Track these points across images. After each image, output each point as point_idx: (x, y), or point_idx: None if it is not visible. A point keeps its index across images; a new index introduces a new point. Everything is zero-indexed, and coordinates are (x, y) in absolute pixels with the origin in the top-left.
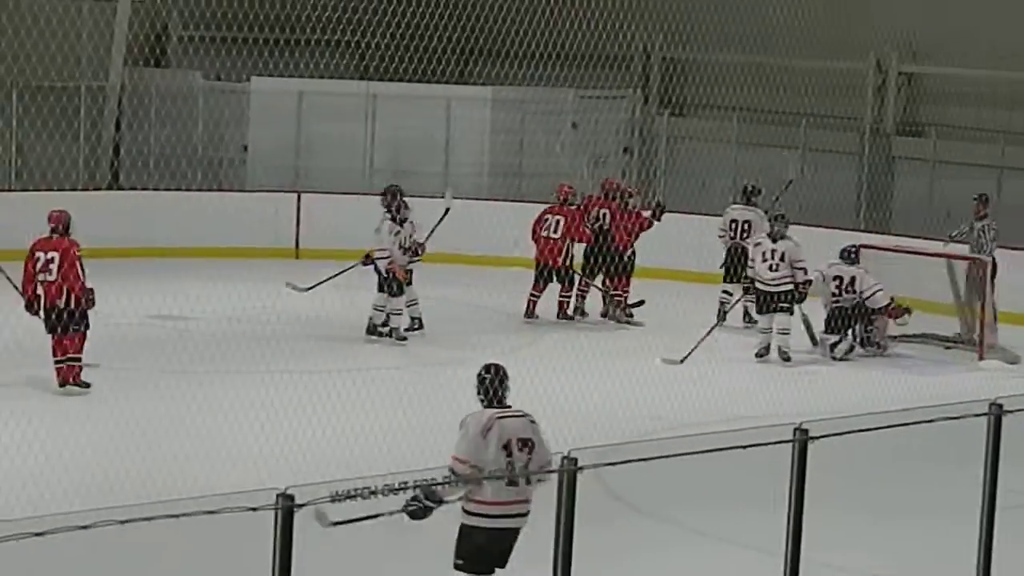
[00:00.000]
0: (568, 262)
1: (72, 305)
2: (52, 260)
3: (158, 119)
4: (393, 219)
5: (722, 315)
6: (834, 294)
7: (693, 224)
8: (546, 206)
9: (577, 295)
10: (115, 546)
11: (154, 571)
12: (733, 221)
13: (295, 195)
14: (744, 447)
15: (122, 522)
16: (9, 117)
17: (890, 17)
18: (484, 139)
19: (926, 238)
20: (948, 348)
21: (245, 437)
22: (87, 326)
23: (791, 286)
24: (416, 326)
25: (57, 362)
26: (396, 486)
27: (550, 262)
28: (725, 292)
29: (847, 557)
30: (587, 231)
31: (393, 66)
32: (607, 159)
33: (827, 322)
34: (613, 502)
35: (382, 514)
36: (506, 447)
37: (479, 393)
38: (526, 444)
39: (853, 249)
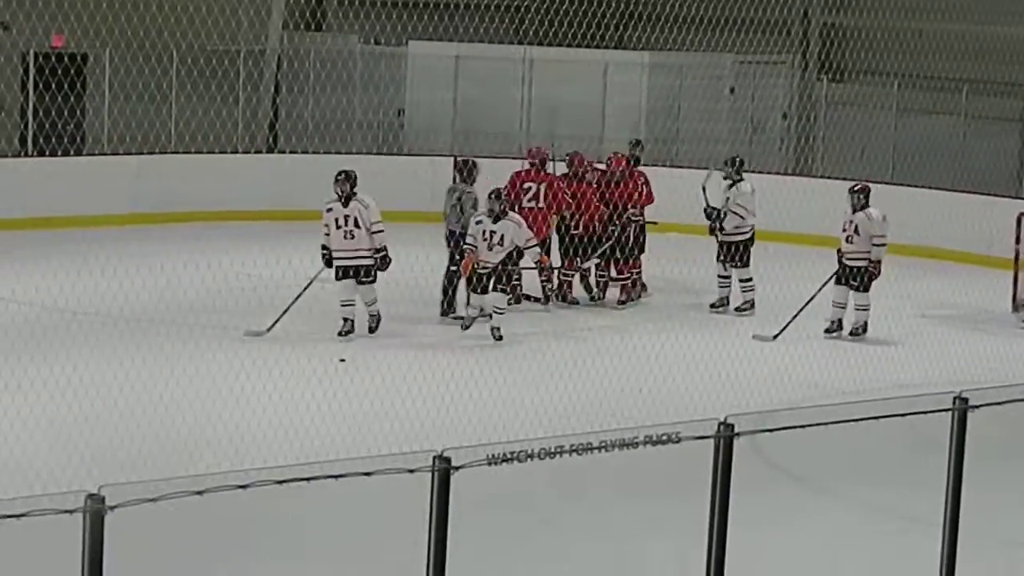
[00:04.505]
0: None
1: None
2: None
3: (316, 83)
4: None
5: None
6: None
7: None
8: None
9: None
10: (271, 507)
11: (311, 530)
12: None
13: (452, 159)
14: (902, 415)
15: (279, 482)
16: (170, 81)
17: None
18: (641, 104)
19: None
20: None
21: (393, 402)
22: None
23: (865, 262)
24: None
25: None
26: (552, 450)
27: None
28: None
29: (1009, 529)
30: (568, 200)
31: (551, 31)
32: (765, 125)
33: None
34: (769, 469)
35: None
36: None
37: None
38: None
39: None
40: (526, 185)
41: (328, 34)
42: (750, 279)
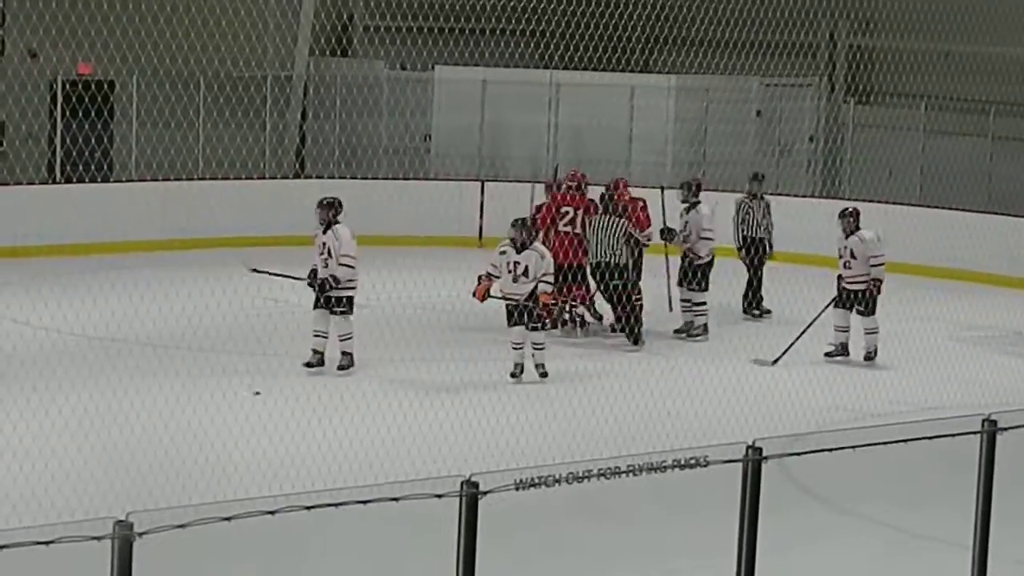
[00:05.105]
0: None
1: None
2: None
3: (343, 109)
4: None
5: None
6: None
7: (878, 212)
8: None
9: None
10: (299, 533)
11: (340, 556)
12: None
13: (478, 184)
14: (930, 438)
15: (308, 508)
16: (197, 108)
17: None
18: (667, 128)
19: None
20: None
21: (421, 427)
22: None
23: (865, 285)
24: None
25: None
26: (579, 474)
27: (572, 261)
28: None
29: None
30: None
31: (577, 55)
32: (792, 148)
33: None
34: (797, 492)
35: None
36: None
37: None
38: None
39: None
40: (563, 209)
41: (354, 60)
42: (705, 303)
